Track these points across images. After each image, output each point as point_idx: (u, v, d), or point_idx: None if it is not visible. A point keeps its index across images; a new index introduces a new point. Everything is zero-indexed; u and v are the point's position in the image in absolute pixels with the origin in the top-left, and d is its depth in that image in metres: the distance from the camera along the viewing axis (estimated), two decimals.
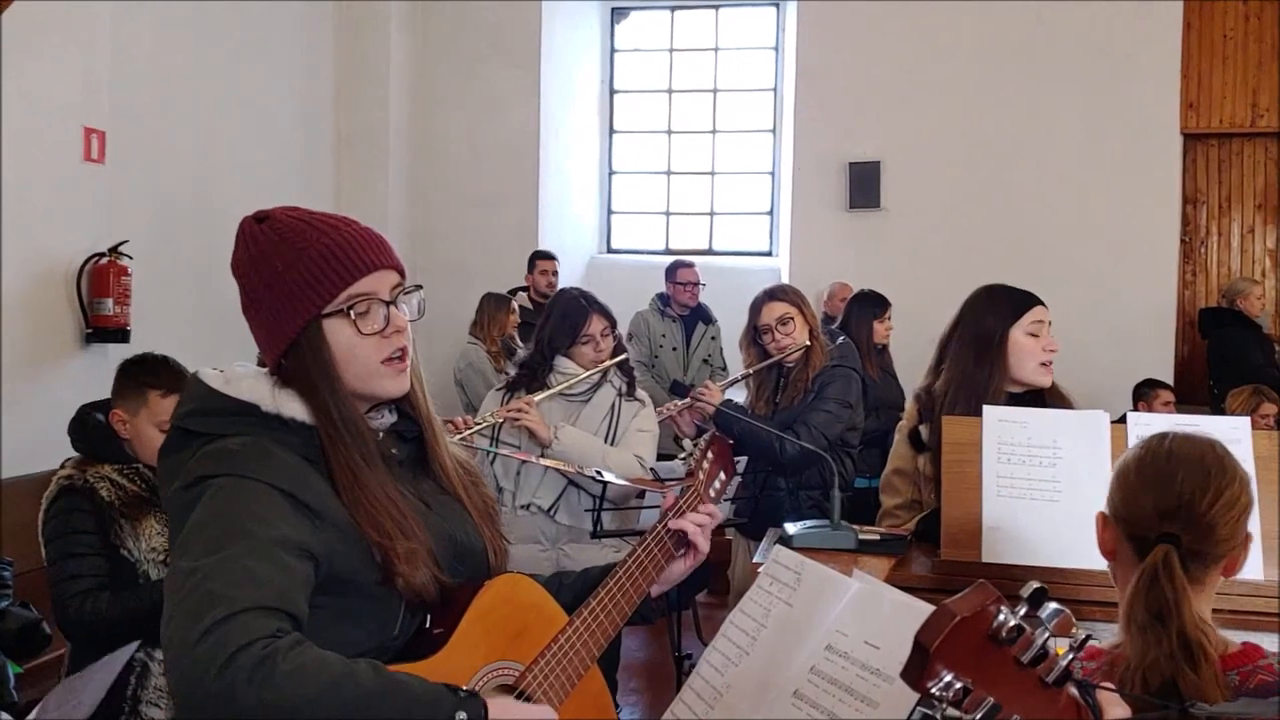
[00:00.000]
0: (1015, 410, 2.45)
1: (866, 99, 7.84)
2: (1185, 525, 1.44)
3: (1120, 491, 1.52)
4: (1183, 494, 1.45)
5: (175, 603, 1.31)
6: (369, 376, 1.57)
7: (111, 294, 5.16)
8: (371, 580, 1.49)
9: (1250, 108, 7.75)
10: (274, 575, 1.34)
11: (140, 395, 2.83)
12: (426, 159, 8.24)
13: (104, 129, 5.30)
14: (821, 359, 3.82)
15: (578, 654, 1.63)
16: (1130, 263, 7.55)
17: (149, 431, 2.81)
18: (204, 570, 1.32)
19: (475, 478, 1.78)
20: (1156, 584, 1.39)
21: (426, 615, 1.59)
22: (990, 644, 0.97)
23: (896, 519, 2.81)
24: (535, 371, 3.48)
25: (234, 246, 1.60)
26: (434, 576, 1.53)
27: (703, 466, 2.00)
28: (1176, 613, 1.38)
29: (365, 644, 1.49)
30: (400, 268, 1.63)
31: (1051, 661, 0.98)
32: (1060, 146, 7.61)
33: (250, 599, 1.29)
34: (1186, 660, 1.36)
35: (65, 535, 2.74)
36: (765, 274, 8.39)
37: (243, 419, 1.52)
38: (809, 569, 1.47)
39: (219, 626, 1.25)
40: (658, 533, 1.82)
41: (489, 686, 1.53)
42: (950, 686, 0.94)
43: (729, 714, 1.41)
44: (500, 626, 1.58)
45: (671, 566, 1.83)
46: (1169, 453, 1.50)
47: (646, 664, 5.31)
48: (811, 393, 3.78)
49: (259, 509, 1.40)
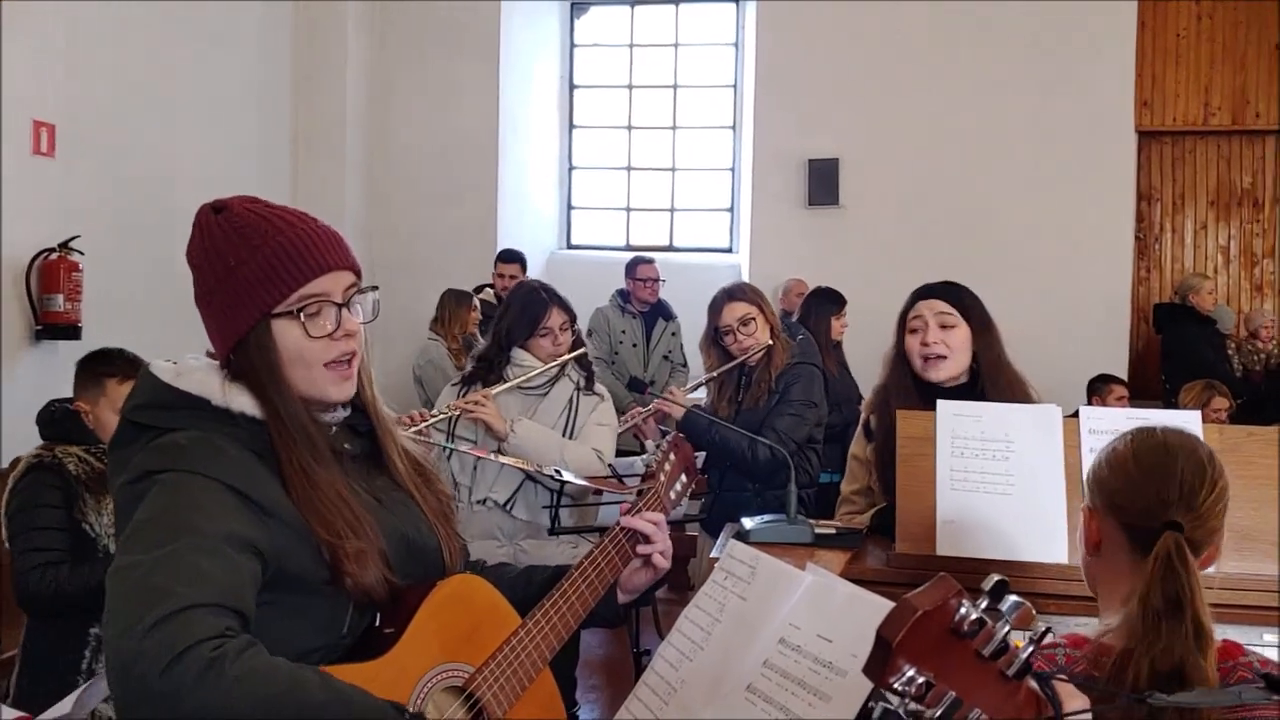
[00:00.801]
0: (969, 404, 2.45)
1: (826, 96, 7.88)
2: (1186, 514, 1.46)
3: (1119, 482, 1.52)
4: (1184, 483, 1.47)
5: (118, 597, 1.28)
6: (314, 381, 1.55)
7: (62, 290, 5.08)
8: (320, 579, 1.47)
9: (1203, 106, 7.87)
10: (221, 572, 1.32)
11: (97, 384, 2.95)
12: (384, 155, 8.17)
13: (54, 122, 5.22)
14: (784, 357, 3.79)
15: (529, 656, 1.61)
16: (1086, 258, 7.63)
17: (110, 418, 2.88)
18: (148, 565, 1.29)
19: (429, 476, 1.76)
20: (1172, 570, 1.40)
21: (376, 614, 1.56)
22: (951, 637, 0.97)
23: (853, 504, 2.84)
24: (492, 364, 3.45)
25: (190, 235, 1.57)
26: (384, 577, 1.51)
27: (664, 468, 1.99)
28: (1191, 598, 1.39)
29: (313, 642, 1.47)
30: (356, 267, 1.60)
31: (1012, 654, 0.98)
32: (1017, 144, 7.69)
33: (197, 595, 1.26)
34: (1199, 646, 1.37)
35: (30, 508, 2.83)
36: (725, 270, 8.41)
37: (192, 413, 1.49)
38: (763, 563, 1.47)
39: (165, 623, 1.22)
40: (615, 534, 1.80)
41: (438, 688, 1.52)
42: (912, 681, 0.94)
43: (683, 709, 1.40)
44: (452, 627, 1.56)
45: (635, 576, 1.81)
46: (1165, 445, 1.52)
47: (605, 661, 5.30)
48: (776, 393, 3.74)
49: (207, 505, 1.38)
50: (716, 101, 8.86)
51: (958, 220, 7.67)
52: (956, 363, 2.71)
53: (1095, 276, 7.65)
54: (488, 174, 8.19)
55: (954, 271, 3.14)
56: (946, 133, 7.72)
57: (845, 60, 7.84)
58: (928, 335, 2.70)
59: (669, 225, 8.95)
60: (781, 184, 7.97)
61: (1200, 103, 7.88)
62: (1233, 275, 8.11)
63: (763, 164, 8.06)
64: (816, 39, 7.88)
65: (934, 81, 7.73)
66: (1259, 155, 7.99)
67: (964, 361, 2.72)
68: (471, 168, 8.15)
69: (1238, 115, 7.86)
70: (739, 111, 8.67)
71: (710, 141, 8.89)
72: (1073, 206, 7.65)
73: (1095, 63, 7.66)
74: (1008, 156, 7.69)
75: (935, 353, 2.70)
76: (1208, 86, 7.85)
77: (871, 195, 7.83)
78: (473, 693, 1.54)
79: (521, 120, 8.51)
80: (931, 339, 2.70)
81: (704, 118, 8.89)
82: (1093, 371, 6.66)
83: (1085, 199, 7.66)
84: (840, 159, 7.85)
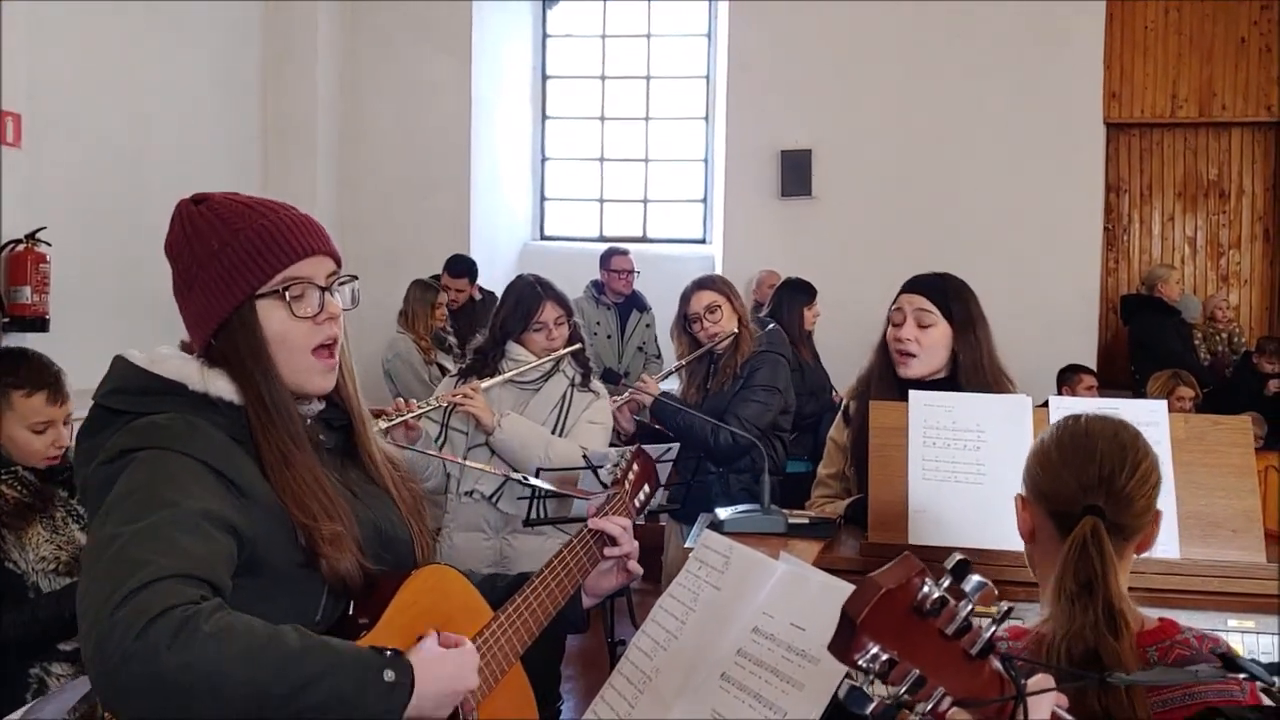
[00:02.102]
0: (941, 395, 2.48)
1: (798, 87, 7.90)
2: (1107, 498, 1.48)
3: (1041, 470, 1.55)
4: (1103, 467, 1.49)
5: (92, 569, 1.29)
6: (298, 368, 1.56)
7: (29, 282, 5.03)
8: (294, 562, 1.48)
9: (1170, 98, 7.94)
10: (197, 545, 1.32)
11: (4, 398, 2.64)
12: (355, 146, 8.12)
13: (20, 111, 5.15)
14: (750, 345, 3.91)
15: (501, 649, 1.62)
16: (1055, 250, 7.70)
17: (19, 434, 2.64)
18: (125, 537, 1.30)
19: (403, 472, 1.77)
20: (1085, 554, 1.43)
21: (349, 602, 1.57)
22: (914, 616, 0.98)
23: (828, 488, 2.87)
24: (488, 358, 3.44)
25: (169, 228, 1.58)
26: (358, 563, 1.52)
27: (628, 477, 2.01)
28: (1103, 582, 1.41)
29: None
30: (336, 255, 1.63)
31: (975, 634, 0.99)
32: (987, 136, 7.74)
33: (172, 566, 1.27)
34: (1110, 629, 1.39)
35: None
36: (699, 261, 8.42)
37: (169, 398, 1.50)
38: (737, 552, 1.48)
39: (139, 592, 1.23)
40: (583, 535, 1.82)
41: None
42: (877, 658, 0.95)
43: (658, 698, 1.41)
44: (425, 617, 1.55)
45: (603, 580, 1.84)
46: (1085, 431, 1.54)
47: (580, 652, 5.31)
48: (740, 378, 3.85)
49: (184, 480, 1.39)
50: (689, 92, 8.86)
51: (929, 211, 7.71)
52: (926, 363, 2.72)
53: (1065, 267, 7.72)
54: (460, 165, 8.16)
55: (925, 262, 3.15)
56: (918, 124, 7.76)
57: (818, 52, 7.85)
58: (903, 331, 2.71)
59: (642, 216, 8.95)
60: (754, 175, 7.99)
61: (1168, 95, 7.95)
62: (1199, 266, 8.19)
63: (736, 155, 8.07)
64: (789, 31, 7.89)
65: (906, 74, 7.77)
66: (1225, 147, 8.08)
67: (936, 361, 2.73)
68: (444, 159, 8.12)
69: (1204, 107, 7.94)
70: (712, 102, 8.68)
71: (683, 132, 8.90)
72: (1043, 198, 7.71)
73: (1065, 55, 7.71)
74: (978, 148, 7.74)
75: (906, 350, 2.71)
76: (1175, 79, 7.92)
77: (844, 186, 7.86)
78: None
79: (494, 111, 8.48)
80: (905, 335, 2.71)
81: (677, 109, 8.89)
82: (1062, 362, 6.72)
83: (1055, 190, 7.72)
84: (813, 150, 7.87)
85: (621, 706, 1.46)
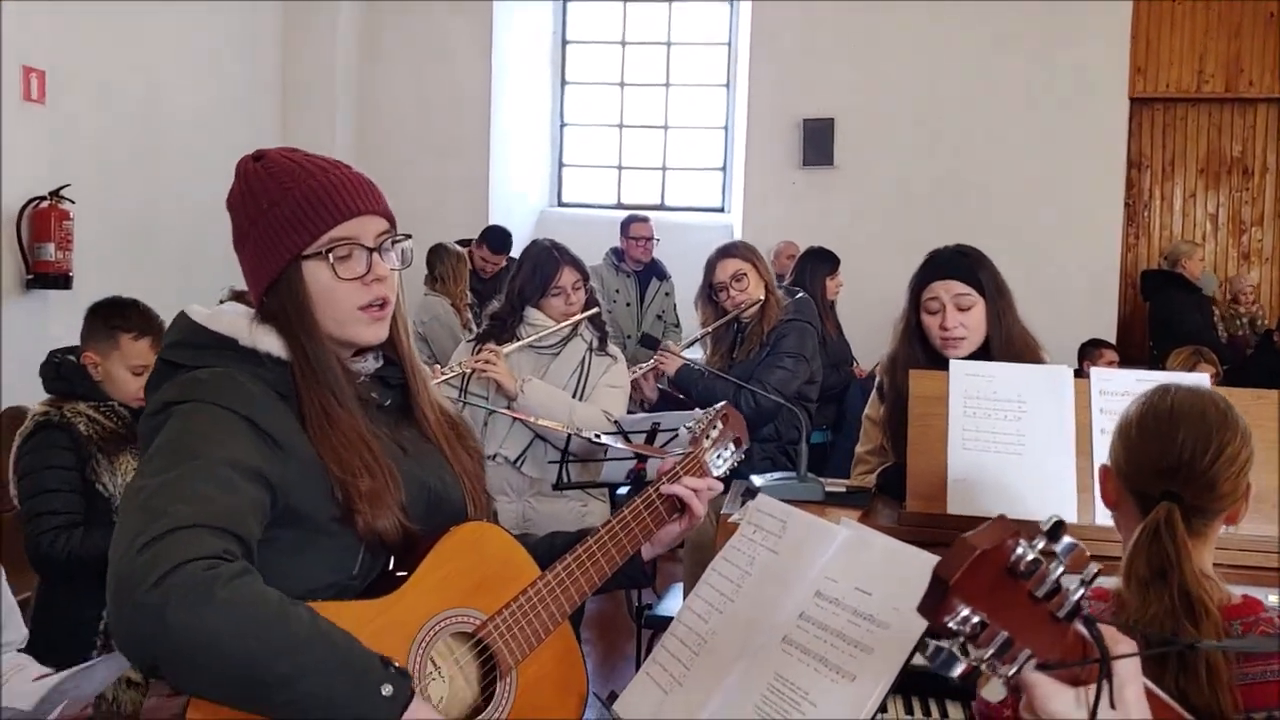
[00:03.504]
0: (981, 365, 2.46)
1: (821, 55, 7.83)
2: (1186, 483, 1.44)
3: (1122, 446, 1.52)
4: (1184, 453, 1.45)
5: (121, 518, 1.32)
6: (344, 322, 1.56)
7: (53, 239, 5.03)
8: (330, 517, 1.48)
9: (1196, 73, 7.86)
10: (222, 495, 1.33)
11: (111, 338, 2.88)
12: (374, 109, 8.08)
13: (44, 68, 5.14)
14: (776, 313, 3.85)
15: (546, 608, 1.59)
16: (1076, 224, 7.65)
17: (121, 374, 2.87)
18: (151, 488, 1.33)
19: (461, 430, 1.75)
20: (1158, 541, 1.40)
21: (389, 557, 1.56)
22: (1007, 577, 0.96)
23: (867, 464, 2.84)
24: (505, 323, 3.43)
25: (232, 184, 1.60)
26: (398, 521, 1.51)
27: (709, 434, 1.93)
28: (1178, 569, 1.38)
29: (321, 580, 1.47)
30: (389, 214, 1.62)
31: (1063, 596, 0.97)
32: (1011, 108, 7.68)
33: (195, 516, 1.29)
34: (1187, 615, 1.37)
35: (41, 470, 2.75)
36: (717, 230, 8.38)
37: (220, 352, 1.52)
38: (794, 517, 1.47)
39: (160, 540, 1.25)
40: (648, 496, 1.76)
41: (447, 632, 1.51)
42: (967, 620, 0.94)
43: (714, 660, 1.41)
44: (463, 573, 1.55)
45: (665, 529, 1.78)
46: (1171, 409, 1.49)
47: (598, 616, 5.33)
48: (767, 347, 3.79)
49: (215, 432, 1.40)
50: (710, 59, 8.79)
51: (950, 183, 7.67)
52: (974, 340, 2.68)
53: (1085, 242, 7.68)
54: (479, 130, 8.12)
55: (946, 233, 3.12)
56: (942, 96, 7.70)
57: (842, 21, 7.78)
58: (947, 319, 2.66)
59: (660, 184, 8.91)
60: (775, 144, 7.94)
61: (1194, 70, 7.88)
62: (1220, 243, 8.14)
63: (757, 123, 8.02)
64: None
65: (930, 44, 7.70)
66: (1250, 124, 8.01)
67: (979, 339, 2.68)
68: (463, 123, 8.08)
69: (1231, 83, 7.86)
70: (733, 70, 8.62)
71: (704, 100, 8.83)
72: (1064, 172, 7.66)
73: (1091, 29, 7.64)
74: (1001, 120, 7.68)
75: (955, 335, 2.66)
76: (1202, 54, 7.84)
77: (866, 156, 7.81)
78: (482, 639, 1.53)
79: (514, 76, 8.43)
80: (951, 323, 2.65)
81: (697, 76, 8.82)
82: (1082, 336, 6.68)
83: (1077, 165, 7.66)
84: (835, 120, 7.81)
85: (676, 668, 1.46)
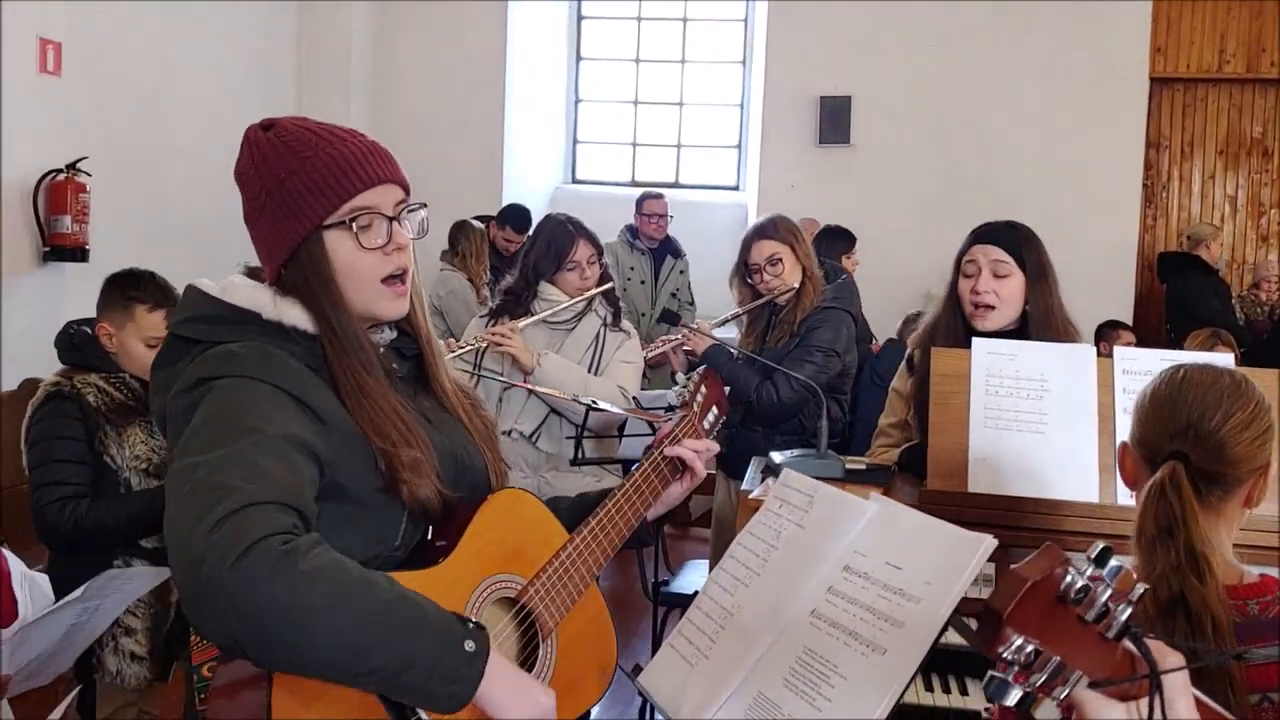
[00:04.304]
0: (1004, 343, 2.45)
1: (839, 33, 7.77)
2: (1194, 444, 1.46)
3: (1137, 417, 1.55)
4: (1191, 414, 1.47)
5: (179, 497, 1.28)
6: (368, 296, 1.55)
7: (69, 211, 5.02)
8: (374, 488, 1.47)
9: (1218, 53, 7.78)
10: (283, 471, 1.32)
11: (126, 310, 2.87)
12: (388, 84, 8.05)
13: (60, 40, 5.12)
14: (812, 300, 3.63)
15: (578, 571, 1.64)
16: (1094, 205, 7.59)
17: (135, 346, 2.86)
18: (210, 464, 1.29)
19: (475, 401, 1.77)
20: (1164, 498, 1.42)
21: (428, 527, 1.57)
22: (1057, 605, 1.00)
23: (889, 437, 2.84)
24: (519, 297, 3.42)
25: (239, 154, 1.57)
26: (437, 489, 1.52)
27: (696, 399, 2.03)
28: (1183, 526, 1.40)
29: (366, 553, 1.46)
30: (405, 183, 1.61)
31: (1111, 617, 1.01)
32: (1029, 88, 7.61)
33: (262, 493, 1.26)
34: (1193, 572, 1.38)
35: (50, 440, 2.76)
36: (732, 208, 8.37)
37: (242, 326, 1.49)
38: (822, 492, 1.47)
39: (232, 517, 1.22)
40: (654, 459, 1.84)
41: (491, 598, 1.53)
42: (1021, 649, 0.97)
43: (741, 633, 1.41)
44: (502, 540, 1.57)
45: (669, 490, 1.86)
46: (1183, 378, 1.53)
47: (611, 592, 5.34)
48: (797, 336, 3.61)
49: (264, 407, 1.38)
50: (726, 36, 8.73)
51: (968, 162, 7.61)
52: (1005, 314, 2.65)
53: (1103, 222, 7.62)
54: (494, 105, 8.09)
55: (964, 212, 3.09)
56: (960, 74, 7.63)
57: None
58: (979, 283, 2.63)
59: (675, 161, 8.87)
60: (792, 122, 7.89)
61: (1215, 50, 7.79)
62: (1239, 225, 8.08)
63: (773, 101, 7.97)
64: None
65: (949, 21, 7.63)
66: (1271, 104, 7.92)
67: (1013, 312, 2.66)
68: (478, 99, 8.04)
69: (1252, 63, 7.78)
70: (749, 47, 8.56)
71: (719, 77, 8.78)
72: (1083, 152, 7.59)
73: (1112, 6, 7.55)
74: (1020, 100, 7.62)
75: (985, 302, 2.63)
76: (1223, 33, 7.76)
77: (883, 135, 7.76)
78: (525, 605, 1.56)
79: (528, 51, 8.39)
80: (983, 287, 2.63)
81: (713, 52, 8.77)
82: (1099, 317, 6.64)
83: (1096, 145, 7.60)
84: (852, 97, 7.76)
85: (702, 642, 1.46)
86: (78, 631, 2.39)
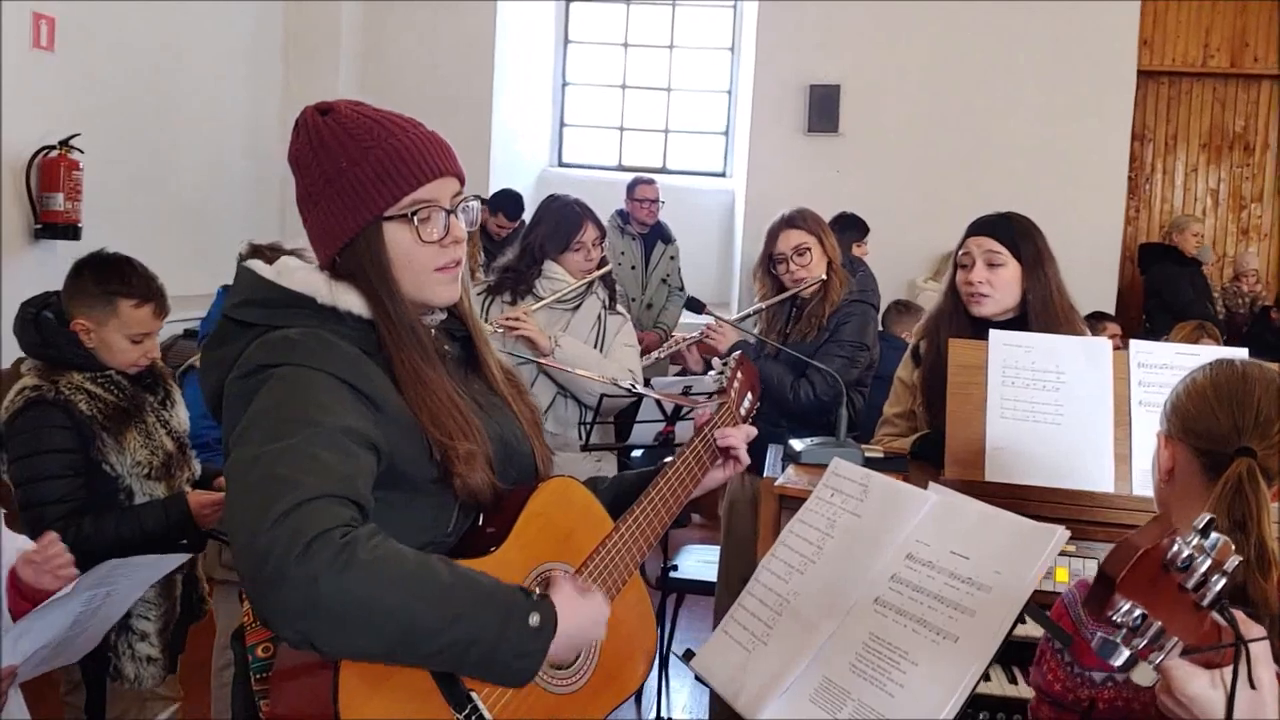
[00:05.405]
0: (1020, 335, 2.50)
1: (829, 21, 7.77)
2: (1260, 441, 1.49)
3: (1194, 407, 1.56)
4: (1260, 412, 1.50)
5: (240, 490, 1.29)
6: (423, 284, 1.56)
7: (62, 189, 4.95)
8: (428, 477, 1.49)
9: (1202, 47, 7.87)
10: (341, 464, 1.33)
11: (109, 305, 2.63)
12: (377, 64, 7.98)
13: (53, 15, 5.06)
14: (839, 293, 3.54)
15: (625, 557, 1.66)
16: (1080, 196, 7.64)
17: (118, 342, 2.65)
18: (270, 456, 1.30)
19: (521, 386, 1.78)
20: (1241, 494, 1.44)
21: (479, 515, 1.59)
22: (1163, 573, 1.04)
23: (894, 426, 2.89)
24: (521, 276, 3.43)
25: (292, 137, 1.57)
26: (489, 479, 1.54)
27: (734, 385, 2.04)
28: (1257, 522, 1.43)
29: (418, 540, 1.47)
30: (462, 175, 1.61)
31: (1208, 587, 1.05)
32: (1019, 78, 7.65)
33: (321, 487, 1.28)
34: (1259, 567, 1.42)
35: (38, 454, 2.54)
36: (719, 195, 8.38)
37: (297, 310, 1.49)
38: (876, 481, 1.50)
39: (293, 512, 1.24)
40: (697, 445, 1.85)
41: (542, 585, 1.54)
42: (1130, 613, 1.02)
43: (799, 617, 1.43)
44: (552, 527, 1.60)
45: (709, 475, 1.88)
46: (1243, 374, 1.55)
47: None
48: (826, 331, 3.52)
49: (324, 398, 1.38)
50: (715, 22, 8.73)
51: (956, 152, 7.65)
52: (998, 302, 2.73)
53: (1089, 213, 7.67)
54: (482, 87, 8.03)
55: (952, 203, 3.13)
56: (950, 64, 7.66)
57: None
58: (973, 274, 2.72)
59: (663, 147, 8.87)
60: (780, 109, 7.89)
61: (1200, 44, 7.88)
62: (1220, 219, 8.19)
63: (762, 88, 7.96)
64: None
65: (939, 11, 7.65)
66: (1253, 99, 8.03)
67: (1008, 300, 2.73)
68: (465, 80, 7.99)
69: (1236, 58, 7.87)
70: (738, 33, 8.56)
71: (707, 63, 8.78)
72: (1070, 144, 7.63)
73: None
74: (1009, 90, 7.66)
75: (979, 291, 2.72)
76: (1208, 28, 7.84)
77: (871, 124, 7.77)
78: None
79: (517, 33, 8.35)
80: (976, 278, 2.72)
81: (702, 38, 8.76)
82: (1083, 308, 6.69)
83: (1083, 137, 7.64)
84: (842, 86, 7.78)
85: (758, 628, 1.49)
86: (89, 618, 2.28)
